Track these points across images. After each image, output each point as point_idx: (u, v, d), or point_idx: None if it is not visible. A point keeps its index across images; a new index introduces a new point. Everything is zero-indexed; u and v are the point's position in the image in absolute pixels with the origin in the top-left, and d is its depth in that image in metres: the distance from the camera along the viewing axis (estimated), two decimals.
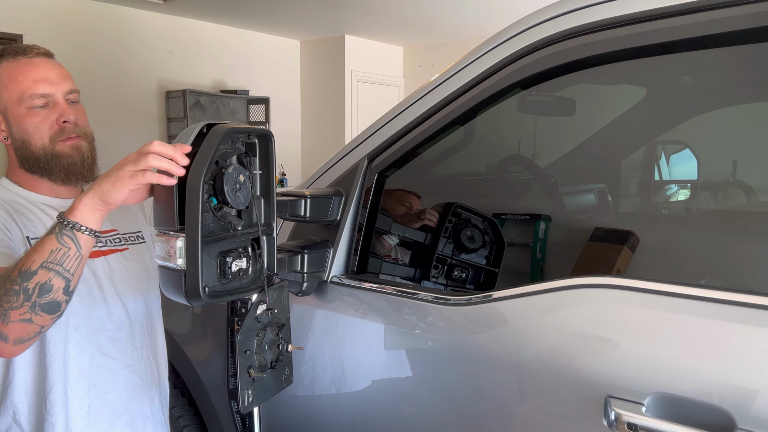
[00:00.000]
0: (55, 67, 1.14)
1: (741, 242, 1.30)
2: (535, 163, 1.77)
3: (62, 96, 1.12)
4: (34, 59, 1.11)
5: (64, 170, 1.12)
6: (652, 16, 0.91)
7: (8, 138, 1.12)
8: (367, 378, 1.19)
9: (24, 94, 1.09)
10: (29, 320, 0.91)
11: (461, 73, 1.13)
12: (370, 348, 1.18)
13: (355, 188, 1.24)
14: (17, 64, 1.10)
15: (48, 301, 0.91)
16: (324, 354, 1.26)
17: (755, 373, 0.76)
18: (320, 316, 1.26)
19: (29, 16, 4.12)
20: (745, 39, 0.87)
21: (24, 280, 0.89)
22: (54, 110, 1.11)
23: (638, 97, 1.53)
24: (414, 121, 1.19)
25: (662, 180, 1.65)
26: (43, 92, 1.09)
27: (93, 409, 1.16)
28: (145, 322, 1.26)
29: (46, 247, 0.90)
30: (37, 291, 0.90)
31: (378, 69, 6.22)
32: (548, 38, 1.02)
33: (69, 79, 1.14)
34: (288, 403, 1.34)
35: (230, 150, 0.91)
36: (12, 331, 0.91)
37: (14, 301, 0.89)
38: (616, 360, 0.86)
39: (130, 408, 1.22)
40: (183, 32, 5.13)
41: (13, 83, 1.09)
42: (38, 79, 1.10)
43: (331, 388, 1.26)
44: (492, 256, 1.55)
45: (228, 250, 0.91)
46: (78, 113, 1.14)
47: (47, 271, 0.89)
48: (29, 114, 1.10)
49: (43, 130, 1.10)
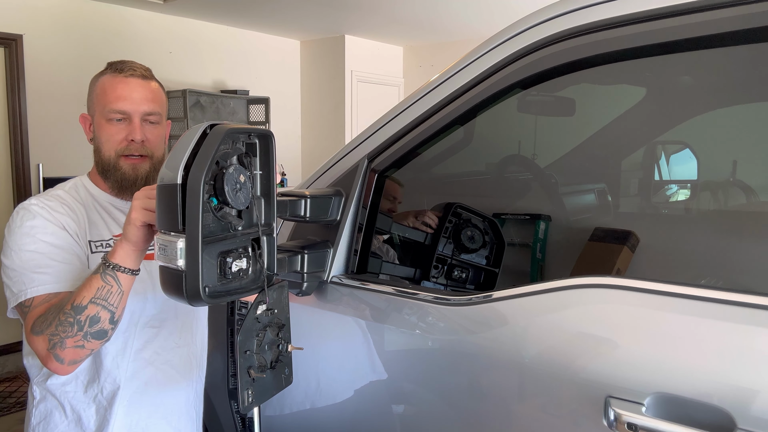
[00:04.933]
0: (142, 89, 1.25)
1: (741, 242, 1.30)
2: (535, 163, 1.77)
3: (139, 116, 1.24)
4: (127, 78, 1.24)
5: (118, 183, 1.26)
6: (652, 16, 0.91)
7: (92, 140, 1.27)
8: (367, 378, 1.19)
9: (106, 107, 1.22)
10: (82, 346, 1.05)
11: (461, 73, 1.13)
12: (370, 348, 1.18)
13: (355, 188, 1.24)
14: (113, 80, 1.24)
15: (97, 330, 1.05)
16: (324, 354, 1.26)
17: (755, 373, 0.76)
18: (320, 316, 1.26)
19: (29, 16, 4.12)
20: (745, 39, 0.87)
21: (77, 314, 1.03)
22: (128, 127, 1.23)
23: (638, 97, 1.53)
24: (414, 121, 1.19)
25: (662, 180, 1.65)
26: (121, 109, 1.22)
27: (133, 399, 1.25)
28: (189, 321, 1.35)
29: (93, 285, 1.04)
30: (88, 322, 1.04)
31: (378, 69, 6.21)
32: (548, 38, 1.02)
33: (152, 101, 1.26)
34: (288, 404, 1.34)
35: (231, 150, 0.91)
36: (67, 355, 1.05)
37: (69, 331, 1.04)
38: (616, 360, 0.86)
39: (166, 401, 1.31)
40: (183, 32, 5.13)
41: (103, 95, 1.23)
42: (121, 96, 1.22)
43: (332, 388, 1.26)
44: (492, 256, 1.55)
45: (228, 250, 0.91)
46: (152, 134, 1.26)
47: (95, 305, 1.04)
48: (107, 125, 1.23)
49: (113, 143, 1.24)
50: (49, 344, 1.04)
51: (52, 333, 1.04)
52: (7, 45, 4.00)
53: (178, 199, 0.85)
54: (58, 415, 1.23)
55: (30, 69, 4.08)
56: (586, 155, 1.69)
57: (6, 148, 4.08)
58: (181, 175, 0.85)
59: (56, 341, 1.04)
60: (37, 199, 1.21)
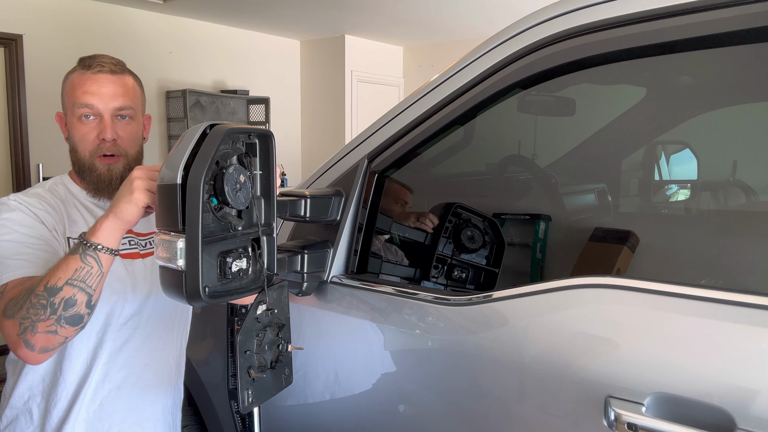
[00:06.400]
0: (111, 84, 1.20)
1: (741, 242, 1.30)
2: (535, 163, 1.77)
3: (109, 113, 1.19)
4: (95, 75, 1.19)
5: (94, 185, 1.22)
6: (652, 16, 0.91)
7: (68, 138, 1.24)
8: (367, 378, 1.19)
9: (75, 103, 1.18)
10: (54, 332, 0.98)
11: (461, 73, 1.13)
12: (370, 348, 1.18)
13: (355, 188, 1.24)
14: (81, 77, 1.19)
15: (72, 314, 0.98)
16: (324, 354, 1.26)
17: (755, 373, 0.76)
18: (320, 316, 1.26)
19: (29, 16, 4.12)
20: (745, 39, 0.87)
21: (51, 295, 0.96)
22: (99, 125, 1.19)
23: (638, 97, 1.53)
24: (414, 121, 1.19)
25: (662, 180, 1.65)
26: (87, 102, 1.18)
27: (106, 403, 1.20)
28: (171, 324, 1.31)
29: (71, 265, 0.97)
30: (63, 305, 0.97)
31: (378, 69, 6.21)
32: (548, 38, 1.02)
33: (123, 96, 1.20)
34: (288, 404, 1.34)
35: (231, 150, 0.91)
36: (38, 341, 0.98)
37: (42, 314, 0.96)
38: (616, 360, 0.86)
39: (142, 407, 1.26)
40: (183, 32, 5.13)
41: (72, 92, 1.20)
42: (89, 91, 1.18)
43: (331, 388, 1.26)
44: (492, 256, 1.55)
45: (228, 250, 0.91)
46: (124, 132, 1.21)
47: (72, 287, 0.97)
48: (78, 123, 1.19)
49: (86, 143, 1.20)
50: (19, 329, 0.97)
51: (23, 317, 0.97)
52: (7, 45, 4.00)
53: (178, 199, 0.85)
54: (24, 420, 1.18)
55: (30, 69, 4.08)
56: (586, 155, 1.69)
57: (6, 148, 4.08)
58: (181, 175, 0.85)
59: (27, 325, 0.96)
60: (16, 196, 1.17)
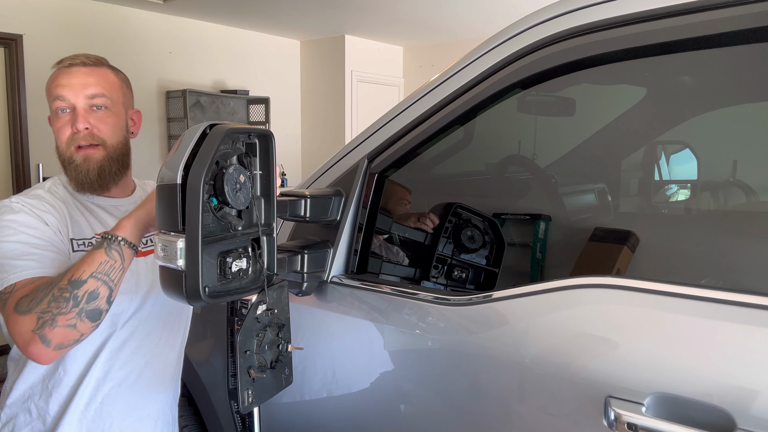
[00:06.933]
0: (83, 75, 1.18)
1: (741, 242, 1.30)
2: (535, 163, 1.77)
3: (82, 102, 1.17)
4: (68, 68, 1.19)
5: (74, 178, 1.20)
6: (652, 16, 0.91)
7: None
8: (367, 378, 1.19)
9: (50, 98, 1.19)
10: (74, 326, 0.98)
11: (461, 73, 1.13)
12: (370, 348, 1.18)
13: (355, 188, 1.24)
14: (56, 73, 1.19)
15: (93, 308, 1.00)
16: (324, 354, 1.26)
17: (755, 373, 0.76)
18: (320, 316, 1.26)
19: (29, 16, 4.12)
20: (745, 39, 0.87)
21: (74, 288, 0.98)
22: (73, 117, 1.18)
23: (638, 97, 1.53)
24: (414, 121, 1.19)
25: (662, 180, 1.65)
26: (59, 94, 1.17)
27: (106, 400, 1.21)
28: (172, 322, 1.31)
29: (96, 258, 1.00)
30: (86, 298, 0.98)
31: (378, 69, 6.21)
32: (548, 38, 1.02)
33: (94, 85, 1.19)
34: (288, 403, 1.34)
35: (231, 150, 0.91)
36: (56, 336, 0.98)
37: (64, 307, 0.97)
38: (616, 360, 0.86)
39: (142, 404, 1.27)
40: (183, 32, 5.13)
41: (47, 89, 1.20)
42: (60, 84, 1.17)
43: (331, 388, 1.26)
44: (492, 256, 1.55)
45: (228, 250, 0.90)
46: (99, 120, 1.19)
47: (96, 280, 0.99)
48: (55, 118, 1.19)
49: (63, 137, 1.19)
50: (37, 324, 0.96)
51: (43, 310, 0.97)
52: (7, 45, 4.00)
53: (178, 199, 0.85)
54: (24, 418, 1.18)
55: (30, 69, 4.08)
56: (586, 155, 1.69)
57: (6, 148, 4.08)
58: (181, 175, 0.85)
59: (47, 319, 0.96)
60: (18, 197, 1.16)
